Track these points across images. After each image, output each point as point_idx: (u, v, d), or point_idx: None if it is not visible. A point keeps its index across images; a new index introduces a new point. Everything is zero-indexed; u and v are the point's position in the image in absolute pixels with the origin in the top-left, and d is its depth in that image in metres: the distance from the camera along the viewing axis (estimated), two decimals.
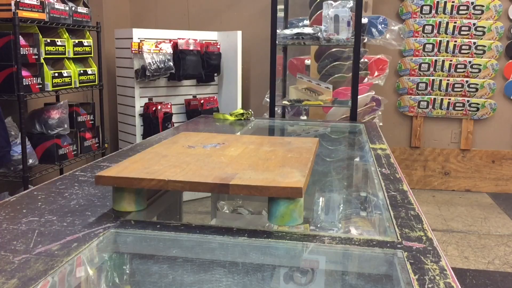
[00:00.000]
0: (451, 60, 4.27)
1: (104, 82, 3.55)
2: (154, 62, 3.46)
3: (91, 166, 1.27)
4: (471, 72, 4.27)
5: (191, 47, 3.65)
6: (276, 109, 2.95)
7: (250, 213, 1.53)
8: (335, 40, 2.79)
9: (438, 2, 4.22)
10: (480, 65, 4.24)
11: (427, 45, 4.29)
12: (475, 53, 4.24)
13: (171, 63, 3.54)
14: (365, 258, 0.81)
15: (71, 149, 3.12)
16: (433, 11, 4.25)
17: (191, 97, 3.85)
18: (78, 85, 3.13)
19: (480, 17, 4.20)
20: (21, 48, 2.63)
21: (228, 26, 4.16)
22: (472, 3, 4.17)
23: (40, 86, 2.81)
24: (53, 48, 2.93)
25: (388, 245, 0.80)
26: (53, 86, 2.91)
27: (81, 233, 0.83)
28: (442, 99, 4.34)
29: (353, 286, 0.85)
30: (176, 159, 1.08)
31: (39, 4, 2.77)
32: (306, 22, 3.40)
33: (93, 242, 0.80)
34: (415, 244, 0.80)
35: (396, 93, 4.43)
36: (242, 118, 2.13)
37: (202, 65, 3.71)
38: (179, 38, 3.62)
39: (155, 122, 3.50)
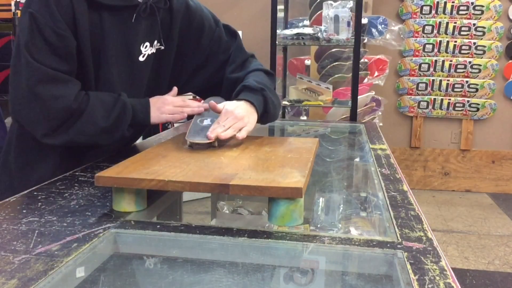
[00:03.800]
0: (451, 61, 4.27)
1: None
2: None
3: (91, 166, 1.27)
4: (471, 72, 4.27)
5: None
6: None
7: (250, 213, 1.53)
8: (335, 40, 2.80)
9: (438, 2, 4.22)
10: (480, 65, 4.25)
11: (427, 45, 4.29)
12: (475, 54, 4.24)
13: None
14: (365, 258, 0.81)
15: None
16: (433, 12, 4.25)
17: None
18: None
19: (480, 18, 4.20)
20: None
21: None
22: (472, 3, 4.17)
23: None
24: None
25: (388, 245, 0.80)
26: None
27: (81, 233, 0.83)
28: (442, 100, 4.34)
29: (353, 286, 0.85)
30: (176, 159, 1.09)
31: None
32: (306, 22, 3.40)
33: (93, 242, 0.80)
34: (415, 244, 0.80)
35: (396, 94, 4.44)
36: None
37: None
38: None
39: None
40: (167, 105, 1.30)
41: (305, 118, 3.47)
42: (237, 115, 1.22)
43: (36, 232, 0.83)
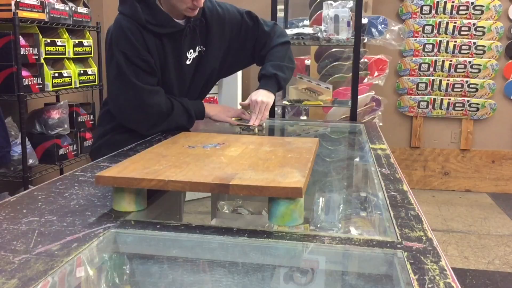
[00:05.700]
0: (451, 60, 4.27)
1: (104, 82, 3.54)
2: None
3: (91, 166, 1.27)
4: (471, 72, 4.27)
5: None
6: (276, 109, 2.95)
7: (250, 213, 1.53)
8: (335, 40, 2.79)
9: (438, 2, 4.22)
10: (480, 65, 4.25)
11: (427, 45, 4.29)
12: (475, 53, 4.24)
13: None
14: (365, 258, 0.81)
15: (71, 149, 3.12)
16: (433, 11, 4.25)
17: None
18: (78, 85, 3.14)
19: (480, 17, 4.20)
20: (21, 48, 2.63)
21: None
22: (472, 3, 4.17)
23: (40, 86, 2.81)
24: (53, 48, 2.93)
25: (388, 245, 0.80)
26: (53, 86, 2.91)
27: (81, 233, 0.83)
28: (442, 99, 4.34)
29: (353, 286, 0.85)
30: (176, 159, 1.09)
31: (39, 4, 2.77)
32: (306, 22, 3.40)
33: (93, 242, 0.80)
34: (415, 244, 0.80)
35: (396, 93, 4.44)
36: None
37: None
38: None
39: None
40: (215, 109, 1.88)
41: (305, 118, 3.47)
42: (261, 101, 1.78)
43: (36, 232, 0.83)
